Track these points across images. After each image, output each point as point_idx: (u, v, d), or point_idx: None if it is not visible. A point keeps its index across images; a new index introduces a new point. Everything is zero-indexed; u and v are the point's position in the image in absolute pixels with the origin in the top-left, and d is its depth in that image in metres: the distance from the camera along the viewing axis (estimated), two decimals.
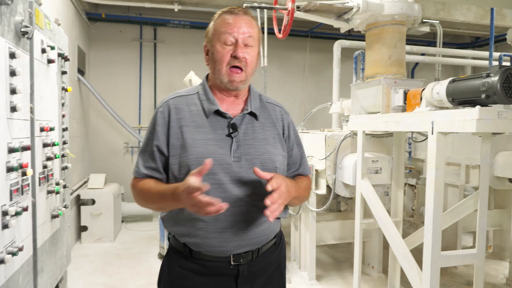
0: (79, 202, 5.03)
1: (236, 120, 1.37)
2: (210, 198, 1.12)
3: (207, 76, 1.47)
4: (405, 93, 2.81)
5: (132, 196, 1.43)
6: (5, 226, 1.72)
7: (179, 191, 1.19)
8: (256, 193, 1.32)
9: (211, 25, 1.40)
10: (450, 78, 2.35)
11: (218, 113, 1.37)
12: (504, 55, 5.22)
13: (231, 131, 1.35)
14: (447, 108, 2.39)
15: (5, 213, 1.72)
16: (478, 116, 2.00)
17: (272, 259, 1.46)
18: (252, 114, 1.41)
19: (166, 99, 1.42)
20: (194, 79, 5.00)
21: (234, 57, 1.32)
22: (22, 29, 1.85)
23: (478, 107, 2.03)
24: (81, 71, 5.45)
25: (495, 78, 2.03)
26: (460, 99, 2.26)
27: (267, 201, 1.17)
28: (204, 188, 1.12)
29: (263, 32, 4.70)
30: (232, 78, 1.33)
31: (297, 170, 1.54)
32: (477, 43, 7.47)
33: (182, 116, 1.36)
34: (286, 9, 2.77)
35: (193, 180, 1.14)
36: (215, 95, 1.41)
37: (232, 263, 1.35)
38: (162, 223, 1.47)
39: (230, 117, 1.37)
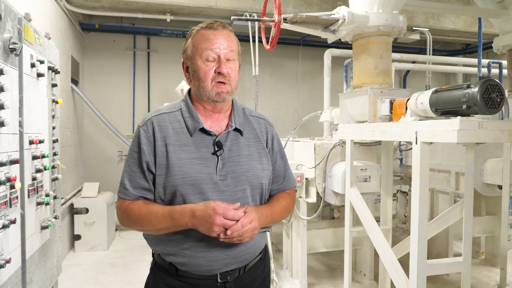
0: (73, 211, 5.04)
1: (221, 137, 1.35)
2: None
3: (189, 92, 1.45)
4: (391, 103, 2.86)
5: (119, 219, 1.37)
6: None
7: (198, 214, 1.22)
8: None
9: (189, 42, 1.37)
10: (433, 89, 2.40)
11: (202, 131, 1.35)
12: (493, 62, 5.29)
13: (216, 149, 1.33)
14: (431, 118, 2.43)
15: None
16: (459, 126, 2.05)
17: (258, 274, 1.47)
18: (236, 130, 1.39)
19: (148, 117, 1.38)
20: (186, 88, 5.03)
21: (219, 73, 1.31)
22: (11, 46, 1.87)
23: (459, 117, 2.08)
24: (74, 81, 5.48)
25: (475, 89, 2.08)
26: (443, 109, 2.31)
27: (222, 236, 1.23)
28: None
29: (254, 41, 4.76)
30: (219, 90, 1.32)
31: (281, 183, 1.53)
32: (468, 49, 7.56)
33: (166, 134, 1.33)
34: (273, 21, 2.82)
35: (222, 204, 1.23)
36: (198, 111, 1.38)
37: (219, 280, 1.34)
38: (146, 242, 1.42)
39: (215, 135, 1.35)
